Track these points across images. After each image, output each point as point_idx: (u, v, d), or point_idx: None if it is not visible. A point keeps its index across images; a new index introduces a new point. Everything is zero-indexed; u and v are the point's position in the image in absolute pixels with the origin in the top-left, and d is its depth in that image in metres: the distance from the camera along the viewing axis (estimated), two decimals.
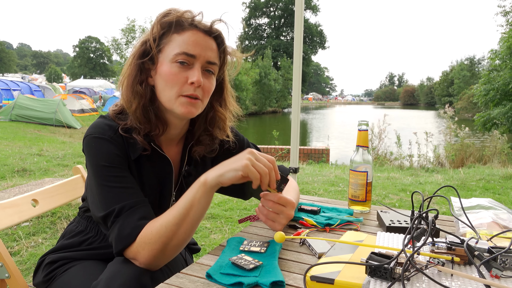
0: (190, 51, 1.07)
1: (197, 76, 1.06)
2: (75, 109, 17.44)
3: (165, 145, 1.19)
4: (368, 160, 1.37)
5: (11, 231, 3.18)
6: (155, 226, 0.99)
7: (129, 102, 1.10)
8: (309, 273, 0.79)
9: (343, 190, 4.92)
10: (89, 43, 72.55)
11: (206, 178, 1.00)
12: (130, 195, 1.03)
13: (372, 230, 1.23)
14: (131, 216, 1.00)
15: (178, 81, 1.07)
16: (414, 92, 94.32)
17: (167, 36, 1.09)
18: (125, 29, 20.90)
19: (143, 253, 0.97)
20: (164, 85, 1.09)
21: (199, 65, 1.08)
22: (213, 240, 3.25)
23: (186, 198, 1.00)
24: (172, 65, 1.07)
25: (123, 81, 1.12)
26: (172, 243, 0.99)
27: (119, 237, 0.99)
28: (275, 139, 9.54)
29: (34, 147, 8.33)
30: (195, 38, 1.08)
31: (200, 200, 1.00)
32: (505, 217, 1.15)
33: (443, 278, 0.76)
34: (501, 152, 8.60)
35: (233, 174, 0.98)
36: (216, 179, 0.99)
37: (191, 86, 1.07)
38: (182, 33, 1.08)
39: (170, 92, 1.08)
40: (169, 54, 1.08)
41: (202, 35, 1.10)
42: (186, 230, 1.00)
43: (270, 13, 59.91)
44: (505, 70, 12.18)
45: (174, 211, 1.00)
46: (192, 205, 0.99)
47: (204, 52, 1.08)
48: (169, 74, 1.07)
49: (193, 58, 1.07)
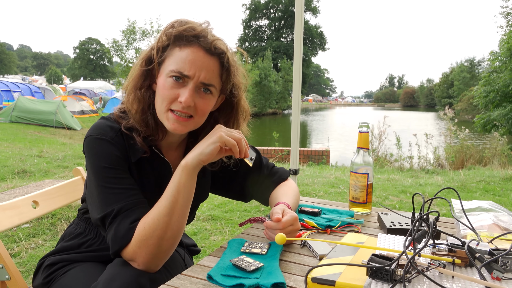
0: (184, 71, 1.05)
1: (185, 97, 1.04)
2: (75, 110, 17.45)
3: (165, 149, 1.20)
4: (369, 162, 1.37)
5: (11, 232, 3.18)
6: (147, 222, 0.99)
7: (130, 105, 1.11)
8: (310, 274, 0.79)
9: (343, 192, 4.92)
10: (90, 45, 72.60)
11: (187, 161, 1.02)
12: (129, 197, 1.03)
13: (373, 232, 1.23)
14: (128, 217, 1.00)
15: (169, 96, 1.06)
16: (414, 94, 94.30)
17: (171, 48, 1.08)
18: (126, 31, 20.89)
19: (139, 251, 0.97)
20: (158, 97, 1.10)
21: (192, 85, 1.06)
22: (213, 241, 3.24)
23: (171, 186, 1.01)
24: (167, 79, 1.07)
25: (126, 84, 1.13)
26: (167, 235, 0.99)
27: (115, 237, 0.99)
28: (275, 141, 9.55)
29: (34, 148, 8.33)
30: (194, 57, 1.06)
31: (186, 184, 1.01)
32: (505, 219, 1.15)
33: (444, 280, 0.76)
34: (501, 153, 8.60)
35: (211, 147, 1.01)
36: (197, 158, 1.01)
37: (180, 104, 1.06)
38: (183, 49, 1.07)
39: (161, 105, 1.08)
40: (167, 68, 1.07)
41: (203, 53, 1.07)
42: (179, 218, 1.01)
43: (270, 15, 59.98)
44: (505, 71, 12.19)
45: (163, 202, 1.01)
46: (179, 191, 1.00)
47: (199, 73, 1.06)
48: (163, 88, 1.07)
49: (187, 78, 1.06)
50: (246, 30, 60.17)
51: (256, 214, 3.97)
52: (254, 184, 1.35)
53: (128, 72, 4.75)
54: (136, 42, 21.12)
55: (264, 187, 1.36)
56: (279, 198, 1.26)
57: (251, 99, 30.43)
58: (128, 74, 1.15)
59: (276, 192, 1.33)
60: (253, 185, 1.35)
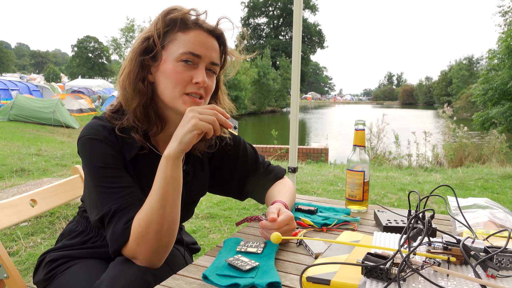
0: (196, 51, 1.07)
1: (201, 77, 1.07)
2: (73, 109, 17.42)
3: (161, 144, 1.19)
4: (365, 159, 1.37)
5: (10, 231, 3.18)
6: (141, 218, 0.99)
7: (129, 100, 1.09)
8: (305, 274, 0.79)
9: (342, 190, 4.92)
10: (88, 43, 72.39)
11: (169, 151, 1.01)
12: (126, 195, 1.03)
13: (369, 230, 1.23)
14: (124, 216, 1.00)
15: (182, 79, 1.07)
16: (412, 92, 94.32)
17: (171, 33, 1.09)
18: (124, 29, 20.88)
19: (139, 248, 0.97)
20: (168, 83, 1.08)
21: (203, 65, 1.09)
22: (212, 239, 3.25)
23: (159, 179, 1.01)
24: (177, 64, 1.07)
25: (124, 79, 1.10)
26: (163, 228, 0.99)
27: (113, 237, 0.99)
28: (274, 139, 9.54)
29: (32, 147, 8.32)
30: (201, 38, 1.09)
31: (173, 175, 1.01)
32: (501, 216, 1.15)
33: (439, 278, 0.76)
34: (500, 151, 8.61)
35: (189, 136, 1.00)
36: (177, 147, 1.00)
37: (195, 86, 1.08)
38: (187, 32, 1.08)
39: (174, 90, 1.08)
40: (174, 53, 1.07)
41: (206, 35, 1.11)
42: (172, 209, 1.01)
43: (269, 13, 59.89)
44: (503, 69, 12.22)
45: (153, 196, 1.00)
46: (167, 183, 1.00)
47: (209, 53, 1.10)
48: (174, 72, 1.07)
49: (199, 58, 1.08)
50: (244, 28, 59.99)
51: (255, 212, 3.97)
52: (250, 182, 1.35)
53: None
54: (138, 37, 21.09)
55: (260, 186, 1.36)
56: (276, 197, 1.26)
57: (250, 97, 30.42)
58: (121, 69, 1.12)
59: (272, 191, 1.33)
60: (249, 183, 1.35)
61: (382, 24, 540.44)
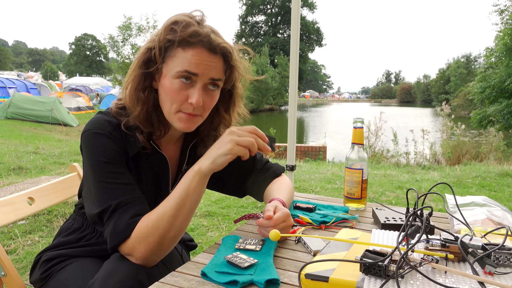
0: (192, 70, 1.04)
1: (196, 98, 1.04)
2: (71, 107, 17.37)
3: (163, 143, 1.20)
4: (363, 157, 1.37)
5: (7, 229, 3.18)
6: (150, 219, 0.99)
7: (132, 107, 1.10)
8: (304, 271, 0.79)
9: (340, 188, 4.93)
10: (85, 41, 72.17)
11: (200, 167, 1.01)
12: (127, 192, 1.03)
13: (367, 228, 1.23)
14: (127, 212, 1.00)
15: (178, 98, 1.06)
16: (410, 90, 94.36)
17: (172, 48, 1.06)
18: (122, 27, 20.81)
19: (139, 247, 0.97)
20: (165, 99, 1.08)
21: (201, 84, 1.06)
22: (210, 237, 3.25)
23: (181, 188, 1.01)
24: (174, 81, 1.05)
25: (127, 86, 1.10)
26: (169, 235, 0.99)
27: (114, 232, 0.99)
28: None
29: (30, 145, 8.29)
30: (199, 57, 1.04)
31: (196, 189, 1.01)
32: (499, 214, 1.16)
33: (437, 275, 0.77)
34: (497, 149, 8.64)
35: (223, 159, 1.00)
36: (209, 166, 1.01)
37: (190, 106, 1.06)
38: (186, 49, 1.04)
39: (170, 107, 1.08)
40: (172, 70, 1.05)
41: (207, 53, 1.06)
42: (183, 220, 1.01)
43: (267, 11, 59.80)
44: (501, 67, 12.25)
45: (170, 202, 1.00)
46: (188, 195, 1.00)
47: (207, 71, 1.05)
48: (170, 90, 1.06)
49: (196, 76, 1.05)
50: (243, 26, 60.01)
51: (253, 210, 3.97)
52: (248, 180, 1.35)
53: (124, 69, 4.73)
54: (132, 38, 21.04)
55: (258, 183, 1.36)
56: (273, 194, 1.26)
57: (248, 95, 30.35)
58: (127, 74, 1.12)
59: (270, 188, 1.33)
60: (247, 181, 1.35)
61: (380, 22, 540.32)
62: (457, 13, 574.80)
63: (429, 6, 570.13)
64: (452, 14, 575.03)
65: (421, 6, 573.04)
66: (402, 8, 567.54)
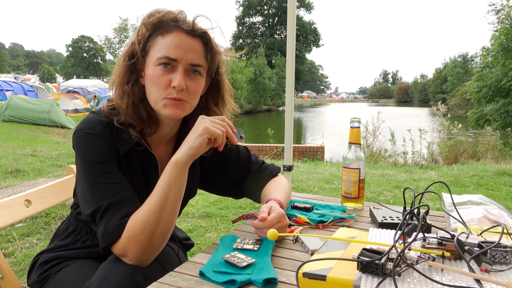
0: (171, 55, 1.06)
1: (178, 81, 1.06)
2: (69, 109, 17.34)
3: (154, 144, 1.20)
4: (361, 157, 1.37)
5: (5, 232, 3.17)
6: (138, 218, 0.99)
7: (119, 100, 1.11)
8: (301, 270, 0.79)
9: (338, 188, 4.93)
10: (82, 43, 71.96)
11: (177, 157, 1.02)
12: (118, 191, 1.03)
13: (365, 227, 1.24)
14: (118, 213, 1.00)
15: (161, 84, 1.07)
16: (408, 89, 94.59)
17: (153, 38, 1.10)
18: (118, 28, 20.83)
19: (130, 247, 0.97)
20: (150, 88, 1.10)
21: (182, 68, 1.08)
22: (209, 238, 3.25)
23: (162, 182, 1.01)
24: (156, 68, 1.08)
25: (114, 81, 1.14)
26: (158, 230, 0.99)
27: (105, 233, 0.99)
28: (270, 137, 9.55)
29: (27, 147, 8.27)
30: (178, 40, 1.07)
31: (176, 180, 1.01)
32: (495, 212, 1.16)
33: (434, 273, 0.77)
34: (494, 148, 8.66)
35: (199, 140, 1.01)
36: (187, 153, 1.01)
37: (173, 90, 1.07)
38: (165, 36, 1.08)
39: (155, 95, 1.09)
40: (153, 58, 1.08)
41: (186, 36, 1.09)
42: (169, 214, 1.01)
43: (264, 12, 59.81)
44: (497, 67, 12.29)
45: (154, 198, 1.01)
46: (170, 187, 1.01)
47: (186, 55, 1.08)
48: (153, 77, 1.08)
49: (176, 62, 1.07)
50: (240, 27, 59.99)
51: (251, 210, 3.98)
52: (244, 181, 1.36)
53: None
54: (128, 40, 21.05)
55: (255, 184, 1.36)
56: (270, 195, 1.27)
57: (246, 96, 30.41)
58: (113, 71, 1.15)
59: (267, 189, 1.33)
60: (243, 182, 1.36)
61: (377, 22, 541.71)
62: (454, 13, 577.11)
63: (425, 6, 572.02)
64: (449, 13, 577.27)
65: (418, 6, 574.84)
66: (399, 8, 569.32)
